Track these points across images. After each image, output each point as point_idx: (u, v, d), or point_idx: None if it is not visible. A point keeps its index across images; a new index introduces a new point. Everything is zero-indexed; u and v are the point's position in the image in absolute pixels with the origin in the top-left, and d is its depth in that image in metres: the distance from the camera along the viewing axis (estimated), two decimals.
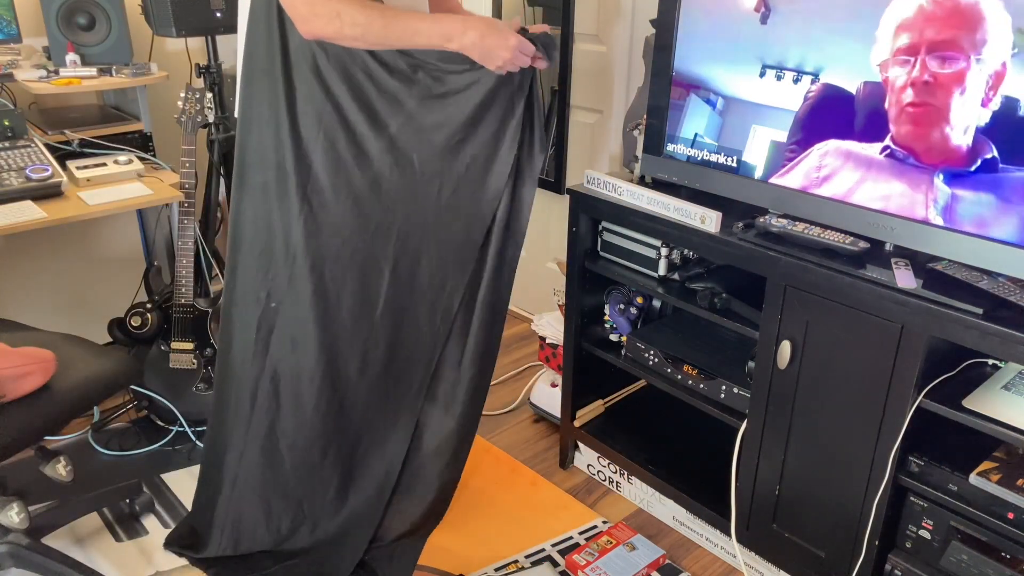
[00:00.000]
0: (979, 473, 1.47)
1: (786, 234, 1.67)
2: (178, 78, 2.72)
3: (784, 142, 1.69)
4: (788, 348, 1.65)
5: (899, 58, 1.48)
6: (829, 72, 1.59)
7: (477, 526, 2.10)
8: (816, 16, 1.58)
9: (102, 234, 2.83)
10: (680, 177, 1.90)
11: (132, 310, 2.39)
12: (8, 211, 2.08)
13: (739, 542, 1.91)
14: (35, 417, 1.61)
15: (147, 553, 2.00)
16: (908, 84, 1.47)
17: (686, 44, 1.82)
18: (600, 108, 2.71)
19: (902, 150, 1.52)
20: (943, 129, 1.45)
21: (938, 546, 1.56)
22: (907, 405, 1.49)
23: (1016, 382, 1.50)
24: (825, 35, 1.57)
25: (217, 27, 2.51)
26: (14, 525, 1.76)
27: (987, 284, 1.45)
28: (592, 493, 2.27)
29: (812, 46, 1.60)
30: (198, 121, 2.32)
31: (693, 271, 1.93)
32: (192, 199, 2.30)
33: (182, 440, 2.43)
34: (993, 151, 1.40)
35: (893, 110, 1.51)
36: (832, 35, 1.56)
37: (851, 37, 1.54)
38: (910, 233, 1.55)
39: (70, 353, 1.76)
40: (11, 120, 2.28)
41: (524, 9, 2.91)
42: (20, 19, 2.41)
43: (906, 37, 1.46)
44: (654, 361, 2.04)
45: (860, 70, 1.54)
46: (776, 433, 1.74)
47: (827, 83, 1.60)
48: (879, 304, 1.49)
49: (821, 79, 1.61)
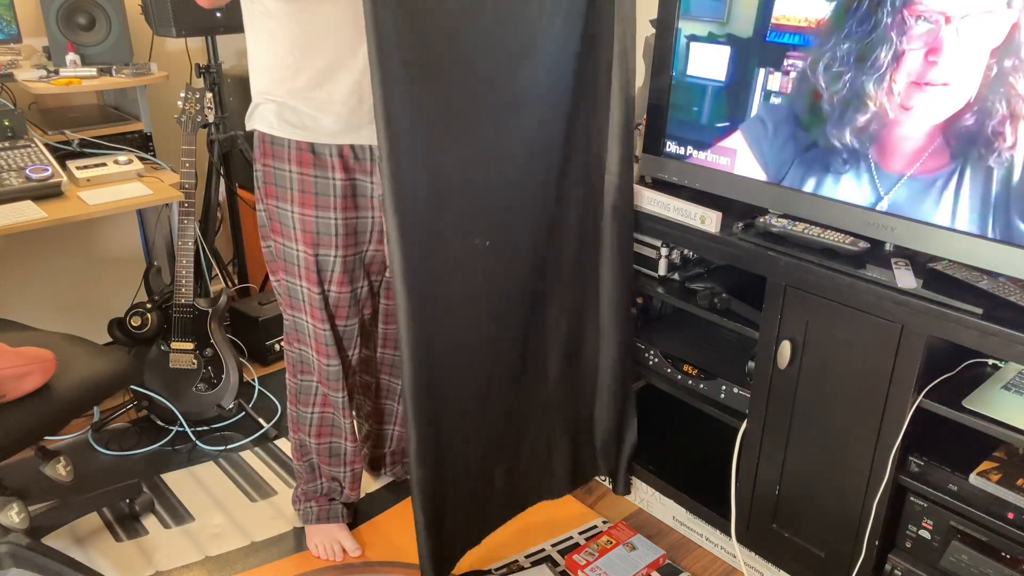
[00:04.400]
0: (979, 473, 1.47)
1: (786, 234, 1.67)
2: (178, 78, 2.72)
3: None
4: (788, 348, 1.65)
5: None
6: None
7: None
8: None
9: (102, 234, 2.83)
10: (680, 177, 1.91)
11: (132, 310, 2.39)
12: (8, 211, 2.08)
13: (739, 542, 1.91)
14: (35, 417, 1.61)
15: (147, 553, 2.01)
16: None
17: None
18: None
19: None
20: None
21: (938, 546, 1.56)
22: (907, 405, 1.49)
23: (1016, 382, 1.50)
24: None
25: (217, 27, 2.51)
26: (14, 525, 1.77)
27: (987, 284, 1.45)
28: (592, 493, 2.27)
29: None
30: (198, 121, 2.32)
31: (693, 271, 1.94)
32: (192, 199, 2.30)
33: (182, 440, 2.43)
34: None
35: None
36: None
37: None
38: (910, 233, 1.55)
39: (70, 353, 1.76)
40: (11, 120, 2.28)
41: None
42: (20, 19, 2.41)
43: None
44: (654, 361, 2.04)
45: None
46: (776, 433, 1.74)
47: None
48: (879, 304, 1.49)
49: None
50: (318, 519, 2.02)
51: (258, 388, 2.69)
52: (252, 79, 1.68)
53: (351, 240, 1.74)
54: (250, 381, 2.70)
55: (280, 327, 2.79)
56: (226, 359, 2.44)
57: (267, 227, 1.76)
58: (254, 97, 1.68)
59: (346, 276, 1.76)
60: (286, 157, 1.66)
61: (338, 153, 1.66)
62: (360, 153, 1.68)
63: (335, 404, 1.88)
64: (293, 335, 1.85)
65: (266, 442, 2.46)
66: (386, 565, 1.99)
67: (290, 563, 1.99)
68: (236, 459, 2.37)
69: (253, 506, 2.19)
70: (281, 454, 2.40)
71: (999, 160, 1.39)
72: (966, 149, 1.43)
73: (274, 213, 1.72)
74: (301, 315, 1.80)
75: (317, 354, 1.82)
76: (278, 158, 1.66)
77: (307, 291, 1.75)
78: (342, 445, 1.95)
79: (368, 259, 1.80)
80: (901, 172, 1.53)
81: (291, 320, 1.83)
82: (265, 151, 1.68)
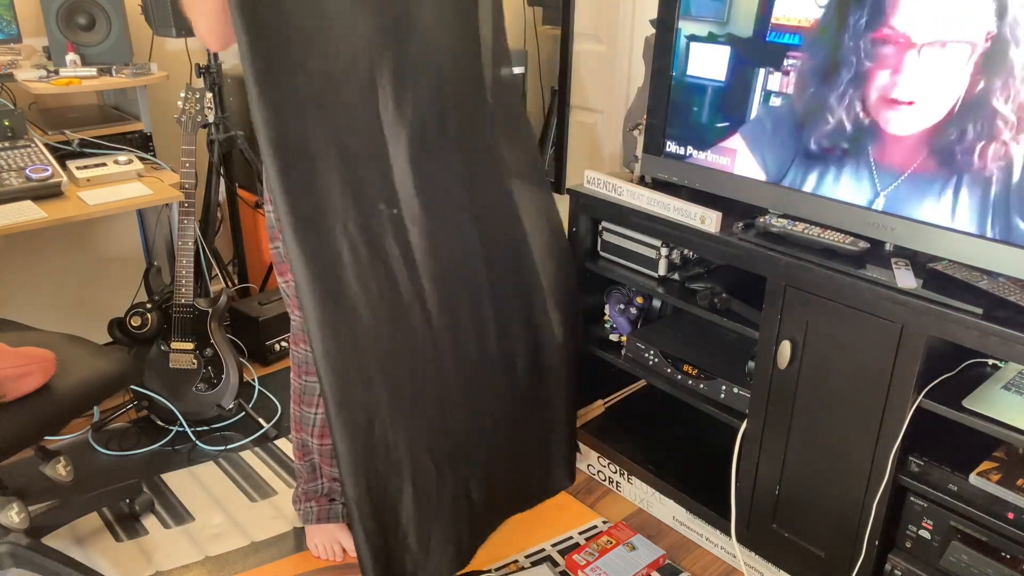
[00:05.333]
0: (979, 473, 1.47)
1: (786, 234, 1.67)
2: (178, 78, 2.72)
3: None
4: (788, 348, 1.65)
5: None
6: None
7: None
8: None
9: (102, 234, 2.83)
10: (680, 177, 1.91)
11: (132, 310, 2.39)
12: (8, 211, 2.08)
13: (739, 542, 1.91)
14: (35, 417, 1.61)
15: (147, 553, 2.00)
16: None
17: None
18: (600, 108, 2.71)
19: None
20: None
21: (938, 546, 1.56)
22: (907, 405, 1.49)
23: (1016, 382, 1.50)
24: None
25: None
26: (14, 525, 1.77)
27: (987, 284, 1.45)
28: (592, 493, 2.27)
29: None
30: (198, 121, 2.32)
31: (693, 271, 1.94)
32: (192, 199, 2.30)
33: (182, 440, 2.43)
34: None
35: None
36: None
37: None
38: (910, 233, 1.55)
39: (70, 353, 1.76)
40: (11, 120, 2.28)
41: (524, 9, 2.91)
42: (20, 19, 2.41)
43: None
44: (654, 361, 2.04)
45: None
46: (776, 433, 1.74)
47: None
48: (879, 304, 1.49)
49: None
50: (318, 519, 2.02)
51: (258, 388, 2.69)
52: None
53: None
54: (250, 381, 2.70)
55: (280, 327, 2.82)
56: (226, 359, 2.44)
57: (276, 228, 1.76)
58: None
59: None
60: None
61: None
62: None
63: None
64: (300, 336, 1.85)
65: (266, 442, 2.46)
66: None
67: (290, 563, 1.99)
68: (236, 459, 2.37)
69: (253, 506, 2.19)
70: (281, 454, 2.40)
71: (997, 161, 1.39)
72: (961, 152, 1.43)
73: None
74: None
75: None
76: None
77: None
78: None
79: None
80: (900, 171, 1.54)
81: (298, 321, 1.83)
82: None
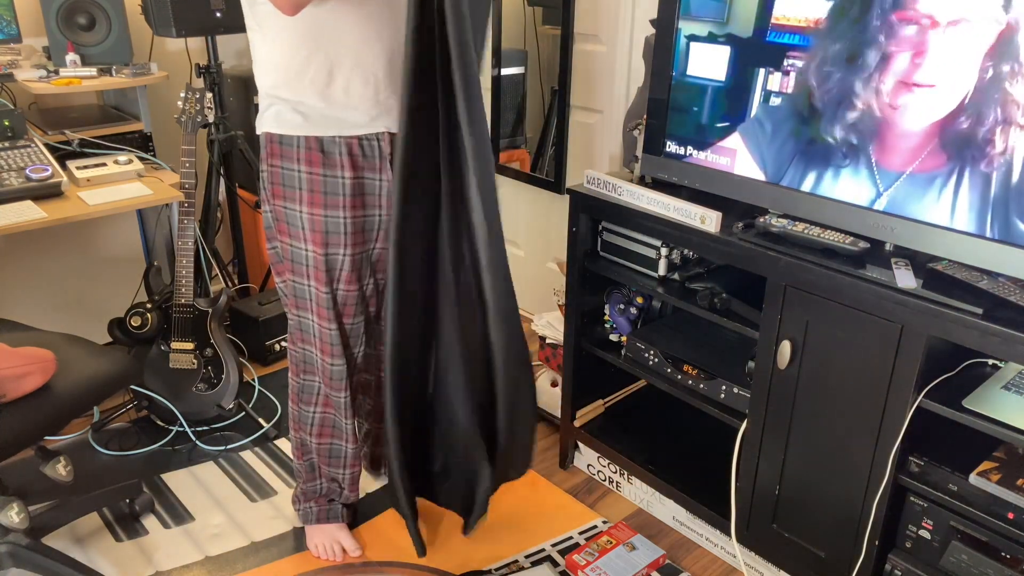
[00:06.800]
0: (979, 473, 1.47)
1: (786, 234, 1.67)
2: (178, 78, 2.72)
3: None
4: (788, 348, 1.65)
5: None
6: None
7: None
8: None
9: (102, 234, 2.83)
10: (680, 177, 1.91)
11: (132, 310, 2.39)
12: (8, 211, 2.08)
13: (739, 542, 1.91)
14: (35, 417, 1.61)
15: (147, 553, 2.01)
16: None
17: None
18: (600, 108, 2.71)
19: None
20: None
21: (938, 546, 1.56)
22: (907, 405, 1.49)
23: (1016, 382, 1.50)
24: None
25: (217, 27, 2.51)
26: (14, 525, 1.77)
27: (987, 284, 1.45)
28: (592, 493, 2.27)
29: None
30: (198, 121, 2.32)
31: (693, 271, 1.93)
32: (192, 199, 2.30)
33: (182, 440, 2.43)
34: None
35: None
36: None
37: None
38: (910, 233, 1.55)
39: (70, 353, 1.76)
40: (11, 120, 2.28)
41: (524, 9, 2.91)
42: (20, 19, 2.41)
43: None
44: (654, 361, 2.04)
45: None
46: (776, 433, 1.74)
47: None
48: (879, 304, 1.49)
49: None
50: (318, 519, 2.02)
51: (258, 388, 2.69)
52: (259, 79, 1.67)
53: (359, 238, 1.75)
54: (250, 381, 2.70)
55: (280, 327, 2.82)
56: (226, 359, 2.44)
57: (273, 228, 1.77)
58: (262, 99, 1.68)
59: (354, 275, 1.77)
60: (295, 157, 1.66)
61: (347, 151, 1.67)
62: (368, 151, 1.69)
63: (337, 405, 1.88)
64: (298, 335, 1.86)
65: (266, 442, 2.46)
66: (386, 565, 1.99)
67: (290, 563, 1.99)
68: (236, 459, 2.37)
69: (253, 506, 2.19)
70: (281, 454, 2.40)
71: (997, 161, 1.39)
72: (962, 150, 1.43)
73: (281, 214, 1.72)
74: (307, 315, 1.80)
75: (321, 353, 1.83)
76: (287, 158, 1.67)
77: (315, 291, 1.76)
78: (343, 447, 1.95)
79: (375, 257, 1.82)
80: (901, 171, 1.54)
81: (296, 320, 1.83)
82: (273, 151, 1.68)
